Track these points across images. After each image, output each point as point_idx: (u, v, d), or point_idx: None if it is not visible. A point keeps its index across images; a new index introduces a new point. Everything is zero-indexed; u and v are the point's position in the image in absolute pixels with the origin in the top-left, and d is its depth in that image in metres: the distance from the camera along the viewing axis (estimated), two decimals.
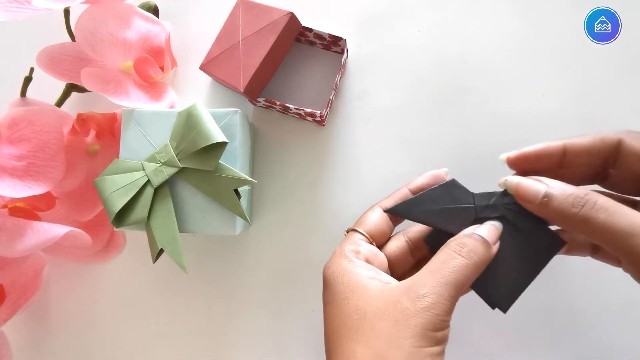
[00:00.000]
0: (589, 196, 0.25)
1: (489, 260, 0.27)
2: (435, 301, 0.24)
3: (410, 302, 0.25)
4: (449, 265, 0.26)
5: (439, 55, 0.40)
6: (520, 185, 0.27)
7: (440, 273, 0.25)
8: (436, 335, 0.24)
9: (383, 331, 0.24)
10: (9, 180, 0.34)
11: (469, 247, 0.26)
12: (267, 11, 0.37)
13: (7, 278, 0.37)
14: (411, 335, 0.24)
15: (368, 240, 0.30)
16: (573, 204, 0.25)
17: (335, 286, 0.27)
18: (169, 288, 0.41)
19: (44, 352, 0.41)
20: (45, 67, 0.37)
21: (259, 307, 0.40)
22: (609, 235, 0.24)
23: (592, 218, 0.24)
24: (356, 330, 0.25)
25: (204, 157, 0.32)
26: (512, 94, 0.39)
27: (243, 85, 0.36)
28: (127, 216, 0.34)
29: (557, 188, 0.26)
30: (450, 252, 0.27)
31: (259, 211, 0.41)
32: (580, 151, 0.28)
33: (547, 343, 0.37)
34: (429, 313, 0.24)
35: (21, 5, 0.36)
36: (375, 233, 0.30)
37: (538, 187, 0.26)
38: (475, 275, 0.26)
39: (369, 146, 0.40)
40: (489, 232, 0.28)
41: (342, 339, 0.25)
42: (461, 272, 0.25)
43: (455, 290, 0.25)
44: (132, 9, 0.39)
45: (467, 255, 0.26)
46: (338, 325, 0.26)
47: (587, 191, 0.25)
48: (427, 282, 0.25)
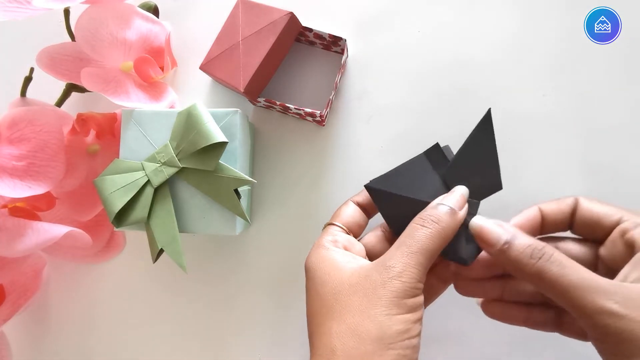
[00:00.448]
0: (546, 249, 0.25)
1: (456, 226, 0.28)
2: (403, 269, 0.25)
3: (378, 274, 0.26)
4: (413, 237, 0.27)
5: (439, 55, 0.40)
6: (482, 229, 0.27)
7: (405, 244, 0.26)
8: (407, 302, 0.25)
9: (354, 305, 0.25)
10: (9, 180, 0.34)
11: (433, 218, 0.27)
12: (267, 11, 0.37)
13: (7, 278, 0.37)
14: (381, 304, 0.25)
15: (345, 231, 0.31)
16: (531, 255, 0.25)
17: (315, 273, 0.28)
18: (168, 288, 0.41)
19: (44, 352, 0.41)
20: (45, 67, 0.37)
21: (259, 307, 0.40)
22: (560, 288, 0.24)
23: (545, 271, 0.25)
24: (332, 309, 0.26)
25: (204, 157, 0.32)
26: (512, 93, 0.39)
27: (243, 85, 0.36)
28: (127, 216, 0.34)
29: (518, 237, 0.26)
30: (415, 225, 0.27)
31: (259, 211, 0.41)
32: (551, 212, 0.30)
33: (547, 343, 0.37)
34: (397, 281, 0.25)
35: (21, 5, 0.36)
36: (351, 225, 0.31)
37: (499, 233, 0.27)
38: (444, 241, 0.27)
39: (369, 146, 0.40)
40: (455, 201, 0.28)
41: (321, 319, 0.26)
42: (426, 241, 0.26)
43: (423, 257, 0.26)
44: (132, 9, 0.39)
45: (431, 225, 0.27)
46: (316, 308, 0.27)
47: (544, 244, 0.26)
48: (394, 254, 0.26)
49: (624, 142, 0.38)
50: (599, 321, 0.23)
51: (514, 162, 0.38)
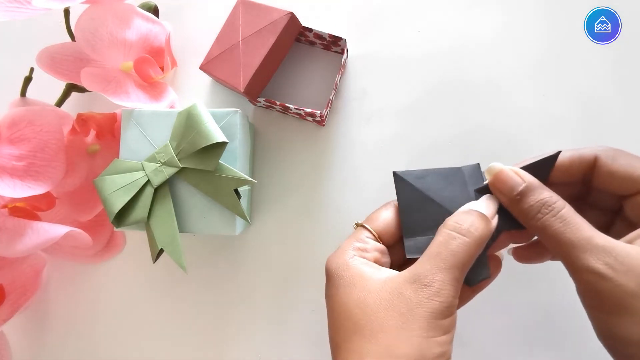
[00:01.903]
0: (557, 204, 0.25)
1: (489, 235, 0.26)
2: (439, 288, 0.24)
3: (413, 292, 0.24)
4: (447, 248, 0.25)
5: (439, 55, 0.40)
6: (502, 173, 0.27)
7: (440, 257, 0.25)
8: (443, 323, 0.24)
9: (389, 324, 0.24)
10: (9, 180, 0.34)
11: (468, 224, 0.26)
12: (267, 11, 0.37)
13: (7, 278, 0.37)
14: (418, 327, 0.23)
15: (375, 239, 0.29)
16: (540, 210, 0.25)
17: (338, 280, 0.27)
18: (168, 288, 0.41)
19: (44, 352, 0.41)
20: (45, 67, 0.37)
21: (259, 307, 0.40)
22: (557, 245, 0.24)
23: (547, 227, 0.25)
24: (362, 325, 0.25)
25: (204, 157, 0.32)
26: (512, 93, 0.39)
27: (243, 85, 0.36)
28: (127, 216, 0.34)
29: (532, 190, 0.26)
30: (448, 232, 0.26)
31: (259, 211, 0.41)
32: (560, 169, 0.28)
33: (547, 344, 0.37)
34: (434, 301, 0.24)
35: (21, 5, 0.36)
36: (384, 233, 0.30)
37: (516, 181, 0.26)
38: (477, 253, 0.26)
39: (369, 146, 0.40)
40: (487, 207, 0.27)
41: (347, 332, 0.25)
42: (462, 253, 0.25)
43: (458, 272, 0.25)
44: (132, 9, 0.39)
45: (467, 233, 0.25)
46: (342, 320, 0.26)
47: (558, 199, 0.25)
48: (428, 269, 0.25)
49: (624, 142, 0.38)
50: (584, 278, 0.24)
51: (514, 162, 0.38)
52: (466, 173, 0.30)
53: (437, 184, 0.29)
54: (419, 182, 0.30)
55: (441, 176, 0.30)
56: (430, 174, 0.30)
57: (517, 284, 0.37)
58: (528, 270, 0.37)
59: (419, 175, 0.30)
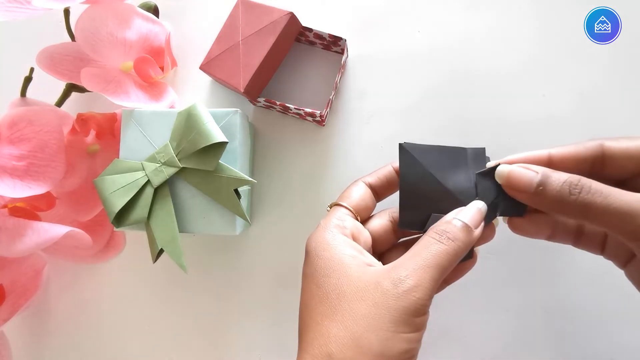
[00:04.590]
0: (583, 181, 0.25)
1: (471, 244, 0.27)
2: (417, 284, 0.24)
3: (391, 285, 0.24)
4: (429, 250, 0.26)
5: (439, 56, 0.40)
6: (512, 174, 0.27)
7: (421, 256, 0.25)
8: (414, 320, 0.24)
9: (361, 313, 0.24)
10: (9, 180, 0.34)
11: (449, 235, 0.26)
12: (267, 11, 0.37)
13: (7, 278, 0.37)
14: (390, 319, 0.24)
15: (353, 215, 0.30)
16: (570, 192, 0.25)
17: (317, 260, 0.27)
18: (168, 288, 0.41)
19: (44, 352, 0.41)
20: (45, 67, 0.37)
21: (259, 307, 0.40)
22: (610, 217, 0.24)
23: (589, 204, 0.24)
24: (334, 309, 0.25)
25: (204, 157, 0.32)
26: (512, 94, 0.39)
27: (243, 85, 0.36)
28: (127, 216, 0.34)
29: (551, 176, 0.25)
30: (433, 236, 0.26)
31: (259, 211, 0.41)
32: (565, 158, 0.27)
33: (547, 344, 0.37)
34: (410, 296, 0.24)
35: (21, 5, 0.36)
36: (359, 208, 0.30)
37: (530, 176, 0.26)
38: (458, 259, 0.26)
39: (369, 146, 0.40)
40: (472, 218, 0.27)
41: (318, 315, 0.25)
42: (443, 258, 0.25)
43: (437, 273, 0.25)
44: (132, 9, 0.39)
45: (447, 242, 0.26)
46: (315, 302, 0.26)
47: (579, 177, 0.25)
48: (409, 265, 0.25)
49: None
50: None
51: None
52: (470, 155, 0.30)
53: (441, 161, 0.30)
54: (423, 156, 0.30)
55: (445, 154, 0.30)
56: (436, 150, 0.30)
57: (517, 284, 0.37)
58: (528, 270, 0.37)
59: (424, 149, 0.30)
